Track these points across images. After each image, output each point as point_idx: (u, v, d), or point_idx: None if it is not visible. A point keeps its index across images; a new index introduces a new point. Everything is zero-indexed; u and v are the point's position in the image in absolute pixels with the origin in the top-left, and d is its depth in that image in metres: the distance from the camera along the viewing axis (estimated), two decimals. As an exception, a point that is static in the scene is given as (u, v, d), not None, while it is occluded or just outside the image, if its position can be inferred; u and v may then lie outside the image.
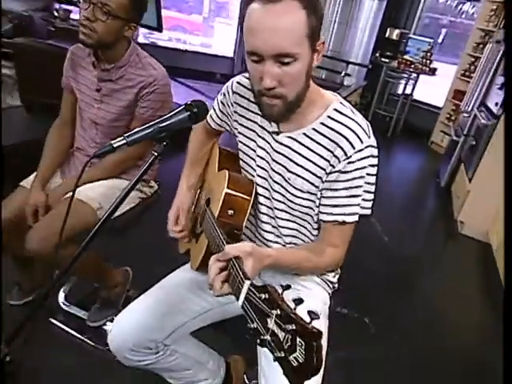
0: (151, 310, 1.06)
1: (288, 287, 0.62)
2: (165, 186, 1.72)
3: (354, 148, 0.88)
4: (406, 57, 5.15)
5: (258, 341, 0.58)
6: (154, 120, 1.38)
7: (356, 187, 0.91)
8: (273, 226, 1.05)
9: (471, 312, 2.40)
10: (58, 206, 1.43)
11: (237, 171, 1.09)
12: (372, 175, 0.93)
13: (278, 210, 1.02)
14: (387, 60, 5.20)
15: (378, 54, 5.37)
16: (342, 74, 5.19)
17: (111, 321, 1.73)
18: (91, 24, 1.31)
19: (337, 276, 1.15)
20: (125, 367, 1.24)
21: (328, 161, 0.91)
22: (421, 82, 5.33)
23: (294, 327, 0.54)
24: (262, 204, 1.04)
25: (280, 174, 0.98)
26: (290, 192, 0.97)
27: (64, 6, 3.66)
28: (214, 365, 1.29)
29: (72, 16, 3.60)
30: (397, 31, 5.29)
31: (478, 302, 2.49)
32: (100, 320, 1.73)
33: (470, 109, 3.61)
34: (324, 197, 0.94)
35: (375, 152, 0.91)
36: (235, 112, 1.06)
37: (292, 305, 0.57)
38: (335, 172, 0.91)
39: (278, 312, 0.56)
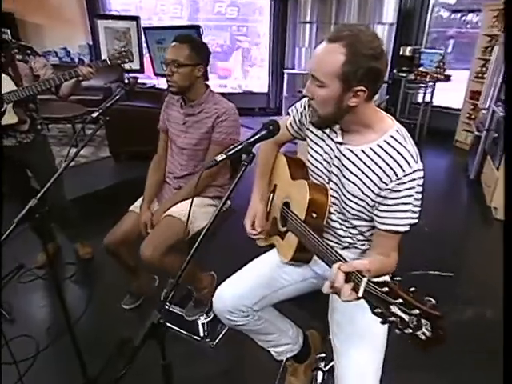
0: (244, 283, 1.25)
1: (399, 281, 0.70)
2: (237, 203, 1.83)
3: (403, 171, 0.96)
4: (420, 69, 5.21)
5: (383, 320, 0.67)
6: (227, 142, 1.65)
7: (405, 204, 0.99)
8: (333, 221, 1.16)
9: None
10: (160, 223, 1.67)
11: (304, 172, 1.24)
12: (419, 192, 1.00)
13: (334, 204, 1.13)
14: (404, 74, 5.29)
15: (395, 71, 5.47)
16: (365, 93, 5.33)
17: (203, 315, 1.91)
18: (171, 78, 1.61)
19: None
20: (214, 354, 1.39)
21: (379, 177, 1.00)
22: (438, 89, 5.33)
23: (418, 311, 0.63)
24: None
25: (337, 176, 1.10)
26: (343, 193, 1.09)
27: (132, 74, 4.16)
28: (293, 333, 1.41)
29: (139, 81, 4.10)
30: (409, 48, 5.38)
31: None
32: (194, 315, 1.92)
33: (487, 105, 3.62)
34: (378, 209, 1.03)
35: (422, 174, 0.99)
36: (310, 122, 1.16)
37: (409, 293, 0.66)
38: (386, 189, 0.99)
39: (401, 301, 0.65)
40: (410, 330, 0.63)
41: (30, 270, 2.27)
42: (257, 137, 0.99)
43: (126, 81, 4.17)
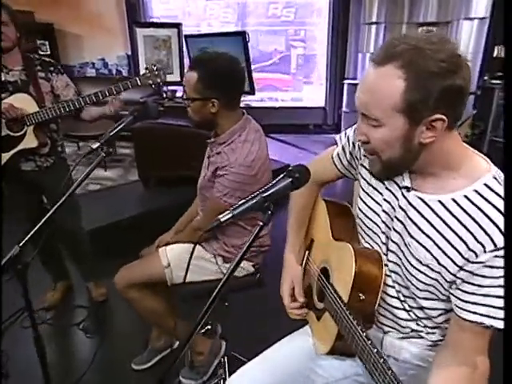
0: (262, 378, 1.08)
1: None
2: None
3: None
4: (522, 74, 4.78)
5: None
6: (218, 203, 1.51)
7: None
8: (391, 296, 0.98)
9: None
10: (149, 255, 1.73)
11: (350, 228, 1.08)
12: None
13: (393, 273, 0.96)
14: (499, 81, 4.87)
15: (486, 77, 5.07)
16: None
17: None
18: (188, 109, 1.56)
19: None
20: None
21: (466, 244, 0.80)
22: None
23: None
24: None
25: (399, 235, 0.92)
26: (407, 259, 0.91)
27: (170, 87, 4.24)
28: None
29: (178, 94, 4.16)
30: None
31: None
32: (186, 379, 1.85)
33: None
34: (462, 289, 0.83)
35: None
36: (364, 155, 1.01)
37: None
38: (478, 263, 0.79)
39: None
40: None
41: (36, 311, 2.26)
42: (274, 189, 0.84)
43: (164, 95, 4.25)
